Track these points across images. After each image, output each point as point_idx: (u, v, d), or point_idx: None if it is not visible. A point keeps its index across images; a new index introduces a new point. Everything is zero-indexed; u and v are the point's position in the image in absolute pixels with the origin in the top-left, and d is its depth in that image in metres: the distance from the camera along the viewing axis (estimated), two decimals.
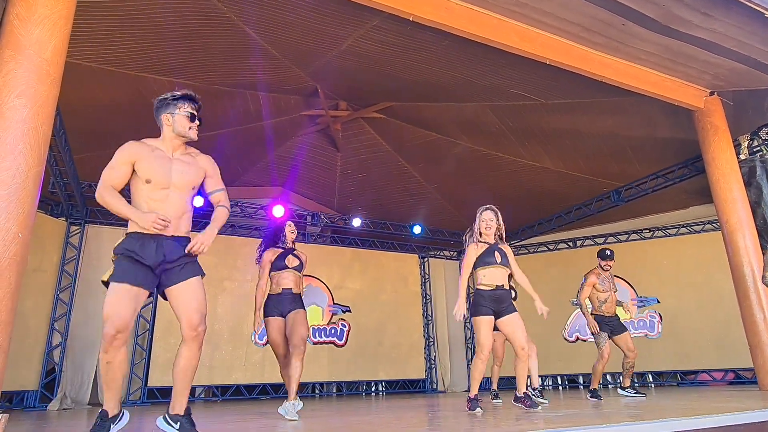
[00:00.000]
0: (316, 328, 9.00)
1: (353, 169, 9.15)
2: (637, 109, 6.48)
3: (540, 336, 9.64)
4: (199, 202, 7.87)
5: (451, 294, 10.69)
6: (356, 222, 9.15)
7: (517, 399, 4.03)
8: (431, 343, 10.11)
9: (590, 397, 5.27)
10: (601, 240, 9.65)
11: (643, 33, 4.77)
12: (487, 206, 4.24)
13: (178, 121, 2.52)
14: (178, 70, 6.13)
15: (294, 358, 3.94)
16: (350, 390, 9.46)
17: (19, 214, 2.66)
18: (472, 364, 4.01)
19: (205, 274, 2.53)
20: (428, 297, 10.40)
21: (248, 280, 8.61)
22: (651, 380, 9.05)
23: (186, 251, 2.40)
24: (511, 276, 4.23)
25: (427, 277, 10.50)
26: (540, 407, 3.95)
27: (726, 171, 5.74)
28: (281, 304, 4.19)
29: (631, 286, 9.23)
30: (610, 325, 5.56)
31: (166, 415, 2.41)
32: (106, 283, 2.33)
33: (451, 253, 10.95)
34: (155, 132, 2.58)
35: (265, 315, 4.20)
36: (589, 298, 5.70)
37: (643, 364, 8.88)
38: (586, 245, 9.82)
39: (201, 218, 8.49)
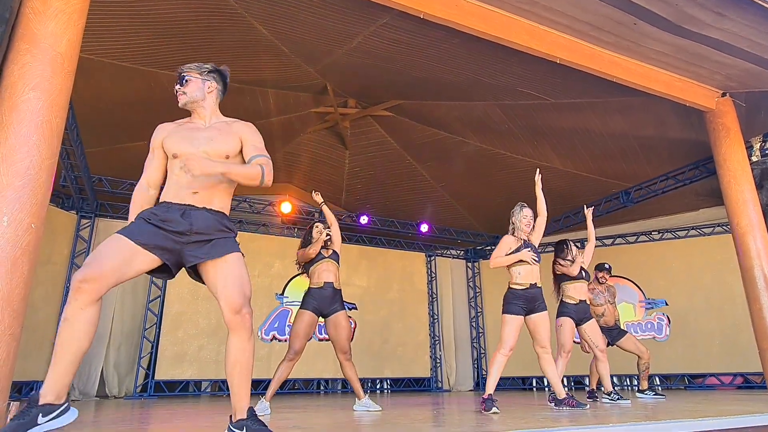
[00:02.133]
0: (322, 324, 9.01)
1: (361, 167, 9.17)
2: (648, 109, 6.44)
3: None
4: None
5: (458, 293, 10.69)
6: (363, 220, 9.16)
7: (559, 402, 4.07)
8: (437, 342, 10.11)
9: (588, 397, 5.38)
10: (610, 241, 9.60)
11: (654, 32, 4.74)
12: (524, 203, 4.32)
13: None
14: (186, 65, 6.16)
15: (347, 362, 4.21)
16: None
17: (33, 205, 2.70)
18: (492, 358, 3.95)
19: (243, 254, 2.23)
20: (435, 296, 10.40)
21: (255, 276, 8.66)
22: (658, 383, 8.98)
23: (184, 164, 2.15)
24: None
25: (433, 275, 10.50)
26: (587, 406, 4.03)
27: (737, 173, 5.69)
28: (322, 300, 4.25)
29: (639, 288, 9.18)
30: (610, 335, 5.72)
31: (230, 426, 2.09)
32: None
33: (458, 252, 10.95)
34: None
35: (301, 306, 4.25)
36: None
37: (651, 366, 8.83)
38: (595, 246, 9.76)
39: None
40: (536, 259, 4.08)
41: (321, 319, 4.50)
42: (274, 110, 7.70)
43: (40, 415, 1.82)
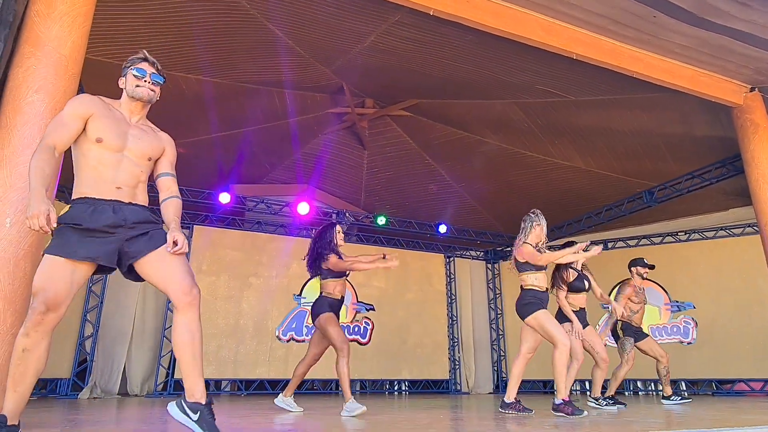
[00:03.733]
0: (345, 325, 9.03)
1: (380, 167, 9.13)
2: (673, 106, 6.22)
3: None
4: (225, 198, 8.00)
5: (477, 294, 10.55)
6: (381, 220, 9.12)
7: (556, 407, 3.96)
8: (456, 344, 10.00)
9: (613, 404, 5.08)
10: (634, 242, 9.32)
11: (675, 25, 4.55)
12: (539, 211, 4.42)
13: (128, 80, 2.32)
14: (204, 67, 6.23)
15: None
16: (373, 388, 9.44)
17: None
18: (555, 361, 3.89)
19: None
20: (453, 297, 10.28)
21: (273, 276, 8.71)
22: (684, 388, 8.68)
23: (171, 251, 2.11)
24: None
25: (452, 276, 10.38)
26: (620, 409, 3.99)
27: (766, 171, 5.44)
28: (338, 311, 4.39)
29: (665, 290, 8.88)
30: (636, 334, 5.64)
31: (183, 402, 2.06)
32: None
33: (477, 253, 10.80)
34: (184, 132, 2.54)
35: (328, 310, 4.29)
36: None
37: (676, 371, 8.53)
38: (618, 247, 9.50)
39: (228, 215, 8.64)
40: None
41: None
42: (291, 111, 7.72)
43: None
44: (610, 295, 5.89)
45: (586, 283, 5.10)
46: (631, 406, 5.38)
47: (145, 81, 2.30)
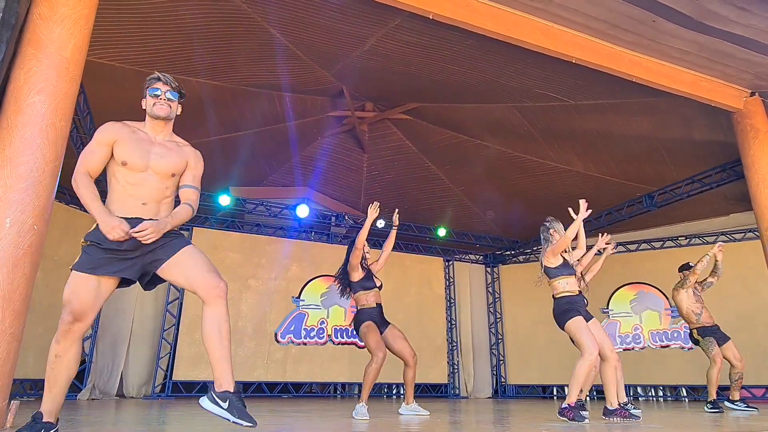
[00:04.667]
0: (338, 328, 9.01)
1: (379, 171, 9.14)
2: (673, 110, 6.23)
3: (569, 345, 9.36)
4: (225, 200, 8.02)
5: (476, 298, 10.54)
6: (380, 223, 9.12)
7: (609, 413, 3.91)
8: (455, 348, 9.98)
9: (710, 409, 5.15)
10: (634, 247, 9.32)
11: (675, 30, 4.56)
12: (552, 218, 4.51)
13: (147, 101, 2.44)
14: (204, 70, 6.26)
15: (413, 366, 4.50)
16: (372, 392, 9.41)
17: (36, 206, 2.74)
18: (577, 368, 3.83)
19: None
20: (452, 301, 10.27)
21: (272, 279, 8.71)
22: (685, 394, 8.67)
23: (129, 232, 2.16)
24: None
25: (451, 280, 10.37)
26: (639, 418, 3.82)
27: (766, 176, 5.43)
28: (381, 317, 4.66)
29: (665, 296, 8.87)
30: (715, 335, 5.52)
31: (213, 393, 2.16)
32: None
33: (477, 256, 10.80)
34: (183, 134, 2.58)
35: (369, 320, 4.54)
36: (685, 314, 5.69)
37: (676, 377, 8.53)
38: (618, 252, 9.49)
39: (228, 217, 8.65)
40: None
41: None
42: (291, 114, 7.74)
43: (43, 430, 2.13)
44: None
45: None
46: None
47: (161, 99, 2.41)
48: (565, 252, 4.26)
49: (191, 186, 2.46)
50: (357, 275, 4.62)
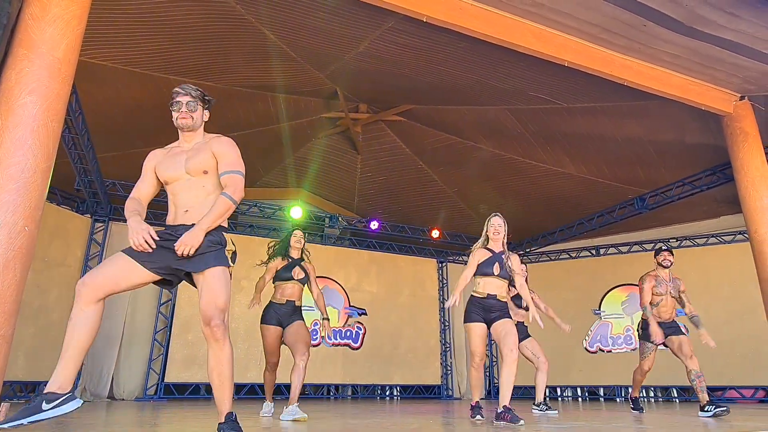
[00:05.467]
0: (338, 329, 9.01)
1: (373, 172, 9.15)
2: (664, 114, 6.28)
3: (561, 347, 9.44)
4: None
5: None
6: (374, 225, 9.14)
7: (498, 415, 3.66)
8: (448, 349, 10.00)
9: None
10: (626, 248, 9.39)
11: (665, 34, 4.61)
12: (496, 213, 4.21)
13: (174, 116, 2.51)
14: (198, 71, 6.25)
15: (301, 363, 4.08)
16: (365, 393, 9.42)
17: (27, 208, 2.73)
18: (468, 373, 4.01)
19: (230, 265, 2.44)
20: (446, 302, 10.29)
21: (266, 280, 8.68)
22: (676, 395, 8.73)
23: (152, 244, 2.26)
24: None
25: (445, 282, 10.40)
26: (521, 421, 3.52)
27: (755, 179, 5.50)
28: (283, 314, 4.27)
29: None
30: (668, 331, 5.29)
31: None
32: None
33: None
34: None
35: (264, 322, 4.24)
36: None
37: (667, 378, 8.58)
38: (610, 253, 9.57)
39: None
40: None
41: (330, 324, 4.59)
42: (285, 115, 7.74)
43: (44, 402, 2.03)
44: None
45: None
46: (618, 412, 5.39)
47: (183, 111, 2.48)
48: (487, 242, 4.11)
49: (227, 172, 2.40)
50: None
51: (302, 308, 4.43)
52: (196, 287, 2.36)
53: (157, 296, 8.01)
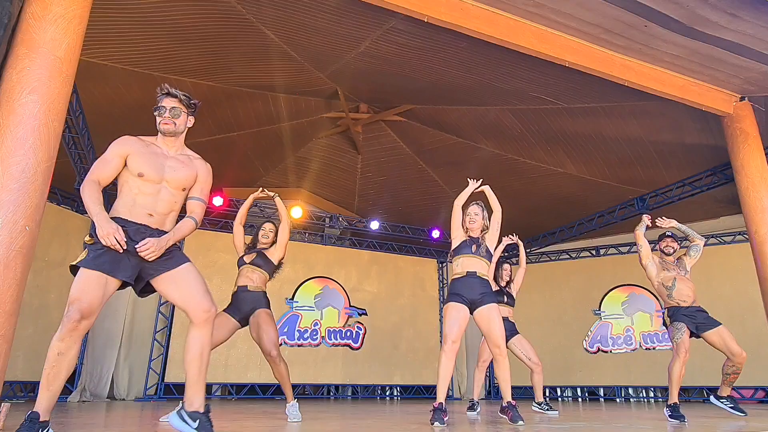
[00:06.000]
0: (331, 330, 9.00)
1: (373, 172, 9.15)
2: (664, 114, 6.29)
3: (561, 347, 9.46)
4: (218, 201, 8.00)
5: None
6: (374, 225, 9.13)
7: (502, 409, 3.62)
8: None
9: (670, 416, 4.23)
10: (626, 249, 9.39)
11: (666, 35, 4.61)
12: (475, 201, 4.04)
13: (156, 119, 2.52)
14: (199, 71, 6.25)
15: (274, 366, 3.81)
16: (365, 393, 9.42)
17: (28, 207, 2.73)
18: (438, 361, 3.58)
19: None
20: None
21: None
22: None
23: (137, 248, 2.26)
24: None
25: (445, 282, 10.40)
26: (521, 422, 3.43)
27: (756, 179, 5.50)
28: (238, 303, 4.01)
29: (656, 297, 8.94)
30: (703, 327, 4.60)
31: (183, 412, 2.23)
32: (74, 268, 2.27)
33: None
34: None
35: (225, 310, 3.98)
36: (657, 292, 4.83)
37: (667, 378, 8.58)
38: (610, 254, 9.57)
39: (221, 218, 8.64)
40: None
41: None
42: (285, 115, 7.74)
43: (42, 429, 2.15)
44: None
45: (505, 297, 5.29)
46: (619, 412, 5.39)
47: (165, 117, 2.48)
48: (467, 231, 3.91)
49: (198, 198, 2.53)
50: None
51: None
52: (143, 293, 2.41)
53: (157, 296, 8.00)
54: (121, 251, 2.22)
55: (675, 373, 4.37)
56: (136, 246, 2.25)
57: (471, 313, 3.63)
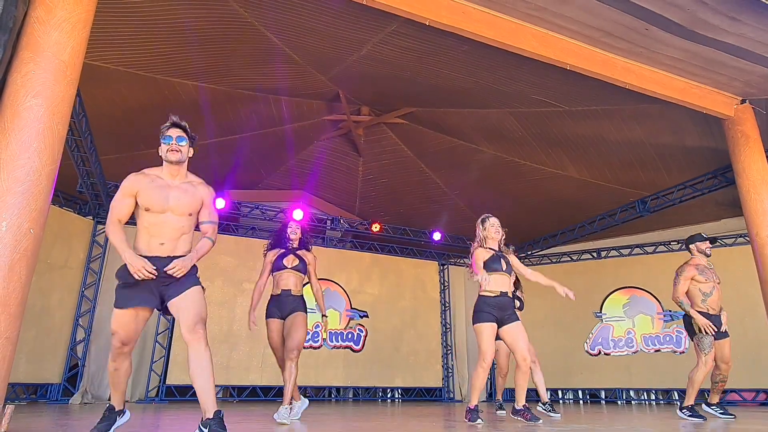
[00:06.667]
0: (333, 332, 9.01)
1: (375, 175, 9.17)
2: (665, 117, 6.30)
3: (562, 349, 9.45)
4: (220, 204, 8.02)
5: (470, 302, 10.55)
6: (375, 227, 9.14)
7: (516, 411, 3.96)
8: (449, 352, 10.00)
9: (690, 416, 4.49)
10: (627, 251, 9.39)
11: (667, 38, 4.62)
12: (489, 214, 4.23)
13: (162, 148, 2.71)
14: (201, 74, 6.27)
15: (288, 362, 3.91)
16: (366, 396, 9.42)
17: (32, 210, 2.74)
18: (474, 374, 3.91)
19: (204, 288, 2.74)
20: (447, 304, 10.30)
21: (264, 279, 8.69)
22: (677, 398, 8.72)
23: (165, 271, 2.54)
24: (516, 285, 4.21)
25: (446, 284, 10.40)
26: (540, 420, 3.81)
27: (757, 182, 5.51)
28: (281, 305, 4.16)
29: (657, 300, 8.94)
30: (716, 327, 4.59)
31: (200, 424, 2.47)
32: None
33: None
34: None
35: (266, 316, 4.20)
36: (688, 293, 4.76)
37: (669, 381, 8.59)
38: (611, 256, 9.58)
39: (223, 220, 8.65)
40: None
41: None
42: (287, 118, 7.76)
43: (118, 417, 2.77)
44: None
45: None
46: (621, 415, 5.39)
47: (172, 145, 2.69)
48: (488, 249, 4.11)
49: (209, 222, 2.80)
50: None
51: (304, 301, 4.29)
52: (165, 313, 2.69)
53: None
54: (155, 278, 2.52)
55: (699, 381, 4.54)
56: (164, 269, 2.54)
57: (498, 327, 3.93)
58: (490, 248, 4.09)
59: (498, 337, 3.95)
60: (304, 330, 4.08)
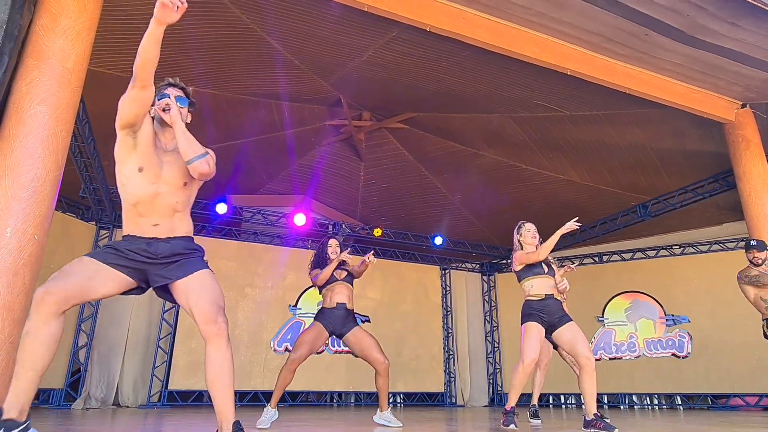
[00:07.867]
0: (335, 337, 9.00)
1: (376, 179, 9.19)
2: (666, 121, 6.32)
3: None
4: (222, 209, 8.05)
5: (472, 307, 10.56)
6: (377, 232, 9.15)
7: (587, 423, 3.58)
8: (451, 356, 9.98)
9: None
10: (629, 255, 9.38)
11: (667, 43, 4.65)
12: (524, 221, 4.28)
13: (159, 104, 2.28)
14: (203, 79, 6.30)
15: (382, 374, 4.23)
16: (369, 401, 9.40)
17: (36, 216, 2.76)
18: (514, 371, 3.76)
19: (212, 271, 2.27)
20: (449, 309, 10.29)
21: (269, 287, 8.71)
22: (680, 403, 8.70)
23: (156, 107, 2.16)
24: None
25: (448, 289, 10.40)
26: (616, 430, 3.41)
27: (758, 186, 5.53)
28: (334, 320, 4.18)
29: (660, 304, 8.93)
30: None
31: None
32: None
33: (473, 265, 10.83)
34: None
35: (316, 319, 4.20)
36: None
37: (671, 385, 8.57)
38: (613, 260, 9.57)
39: (224, 225, 8.68)
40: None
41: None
42: (289, 123, 7.79)
43: (2, 430, 1.79)
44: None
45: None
46: (620, 419, 5.38)
47: (164, 102, 2.29)
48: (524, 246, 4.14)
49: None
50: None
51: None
52: (168, 299, 2.24)
53: (161, 303, 8.03)
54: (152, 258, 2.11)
55: None
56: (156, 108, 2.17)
57: (549, 332, 3.83)
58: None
59: (554, 344, 3.94)
60: (374, 339, 4.32)
